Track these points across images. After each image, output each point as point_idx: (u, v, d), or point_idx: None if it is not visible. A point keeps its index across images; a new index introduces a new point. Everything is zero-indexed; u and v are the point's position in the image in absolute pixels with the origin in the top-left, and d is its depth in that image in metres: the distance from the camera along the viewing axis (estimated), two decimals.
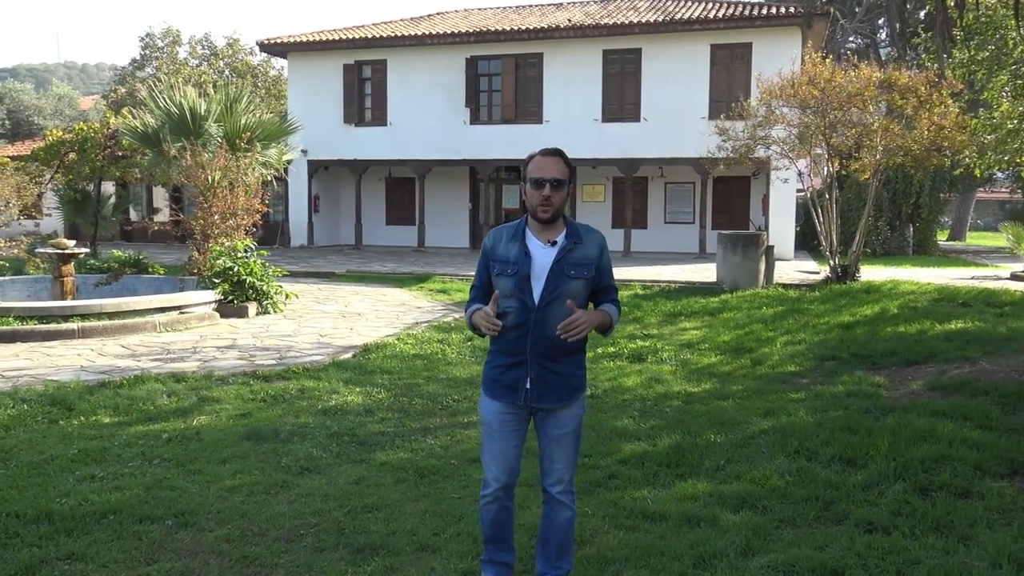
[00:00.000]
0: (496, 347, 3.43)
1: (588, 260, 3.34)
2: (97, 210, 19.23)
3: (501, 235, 3.43)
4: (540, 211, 3.29)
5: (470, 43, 23.02)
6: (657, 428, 6.18)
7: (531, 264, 3.30)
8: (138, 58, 38.13)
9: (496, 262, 3.37)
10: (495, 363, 3.43)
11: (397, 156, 23.76)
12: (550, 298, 3.27)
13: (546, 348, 3.31)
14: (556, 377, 3.35)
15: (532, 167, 3.32)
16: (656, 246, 23.20)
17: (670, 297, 14.00)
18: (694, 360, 9.01)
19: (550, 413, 3.41)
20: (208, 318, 10.99)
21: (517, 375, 3.35)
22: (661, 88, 21.69)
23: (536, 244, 3.34)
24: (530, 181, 3.31)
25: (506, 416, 3.42)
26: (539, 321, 3.28)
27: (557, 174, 3.28)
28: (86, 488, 4.94)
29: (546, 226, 3.34)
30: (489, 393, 3.45)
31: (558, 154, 3.34)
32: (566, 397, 3.39)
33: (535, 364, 3.33)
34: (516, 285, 3.30)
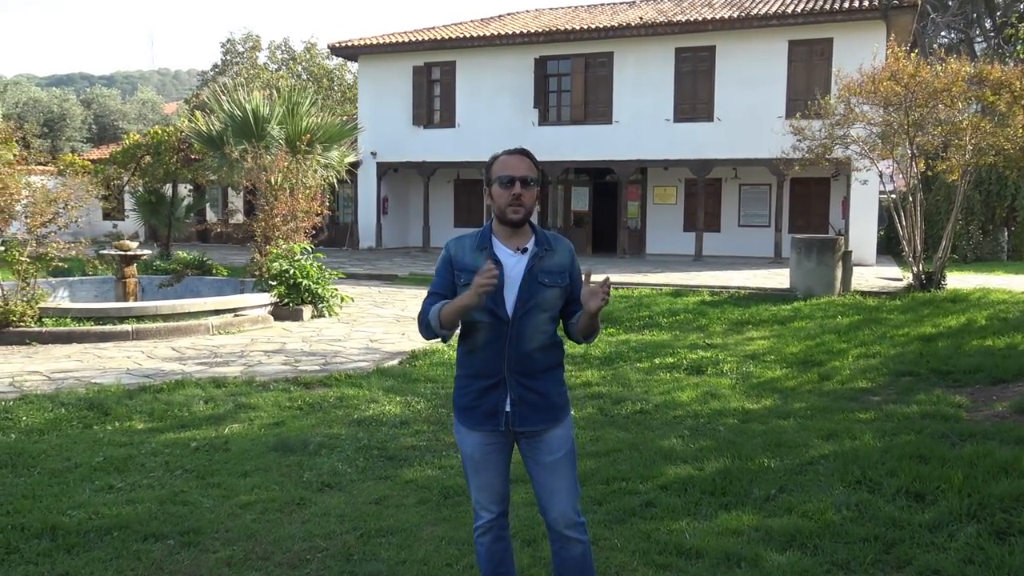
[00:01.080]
0: (467, 370, 3.11)
1: (561, 267, 3.06)
2: (171, 212, 19.60)
3: (463, 244, 3.11)
4: (510, 212, 2.98)
5: (539, 43, 22.71)
6: (706, 450, 5.72)
7: (502, 273, 2.97)
8: (219, 63, 39.11)
9: (463, 272, 3.03)
10: (468, 388, 3.10)
11: (465, 158, 23.60)
12: (525, 309, 2.97)
13: (524, 365, 3.00)
14: (537, 396, 3.03)
15: (498, 166, 3.04)
16: (729, 250, 22.44)
17: (739, 304, 13.37)
18: (757, 373, 8.47)
19: (536, 437, 3.07)
20: (262, 321, 10.95)
21: (495, 399, 3.03)
22: (736, 87, 20.95)
23: (505, 252, 3.03)
24: (497, 180, 3.01)
25: (487, 446, 3.10)
26: (515, 335, 2.98)
27: (527, 172, 3.01)
28: (100, 500, 4.80)
29: (514, 231, 3.04)
30: (466, 423, 3.12)
31: (525, 153, 3.08)
32: (550, 417, 3.07)
33: (514, 384, 3.01)
34: (488, 296, 2.97)
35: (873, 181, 16.89)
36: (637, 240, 23.79)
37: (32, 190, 9.35)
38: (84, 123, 40.81)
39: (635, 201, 23.93)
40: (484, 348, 3.00)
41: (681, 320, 11.91)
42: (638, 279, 16.53)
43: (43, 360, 8.72)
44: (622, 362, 9.07)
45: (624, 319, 11.87)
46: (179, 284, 12.93)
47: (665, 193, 23.79)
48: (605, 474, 5.22)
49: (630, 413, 6.84)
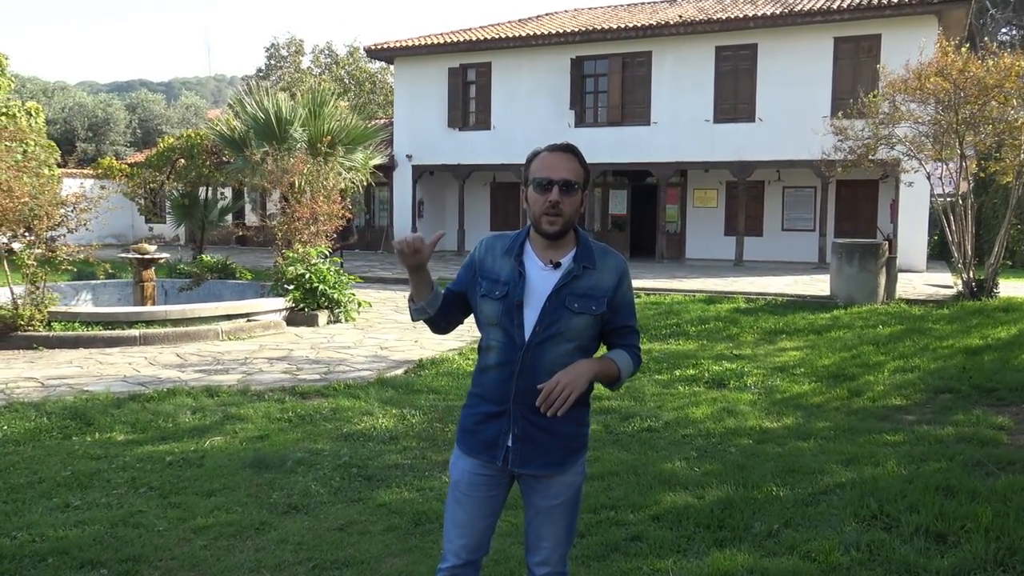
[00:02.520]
0: (476, 388, 2.69)
1: (599, 291, 2.56)
2: (204, 215, 19.61)
3: (494, 246, 2.67)
4: (545, 222, 2.53)
5: (575, 43, 22.26)
6: (711, 474, 5.23)
7: (525, 288, 2.54)
8: (263, 68, 39.43)
9: (484, 279, 2.62)
10: (474, 410, 2.67)
11: (501, 160, 23.25)
12: (544, 335, 2.51)
13: (535, 398, 2.52)
14: (546, 436, 2.57)
15: (536, 165, 2.58)
16: (771, 255, 21.68)
17: (774, 312, 12.77)
18: (782, 388, 7.91)
19: (537, 479, 2.64)
20: (274, 326, 10.70)
21: (497, 429, 2.60)
22: (779, 86, 20.23)
23: (535, 263, 2.58)
24: (533, 183, 2.56)
25: (479, 478, 2.66)
26: (528, 364, 2.52)
27: (568, 174, 2.53)
28: (50, 520, 4.52)
29: (552, 242, 2.58)
30: (463, 447, 2.70)
31: (570, 150, 2.59)
32: (558, 462, 2.60)
33: (519, 417, 2.56)
34: (503, 312, 2.55)
35: (922, 183, 16.06)
36: (676, 244, 23.17)
37: (37, 192, 9.22)
38: (128, 127, 41.55)
39: (674, 204, 23.32)
40: (494, 370, 2.58)
41: (710, 328, 11.37)
42: (672, 285, 15.98)
43: (44, 366, 8.57)
44: (640, 374, 8.57)
45: (650, 327, 11.36)
46: (199, 288, 12.77)
47: (705, 196, 23.13)
48: (595, 501, 4.78)
49: (636, 431, 6.37)
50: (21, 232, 9.48)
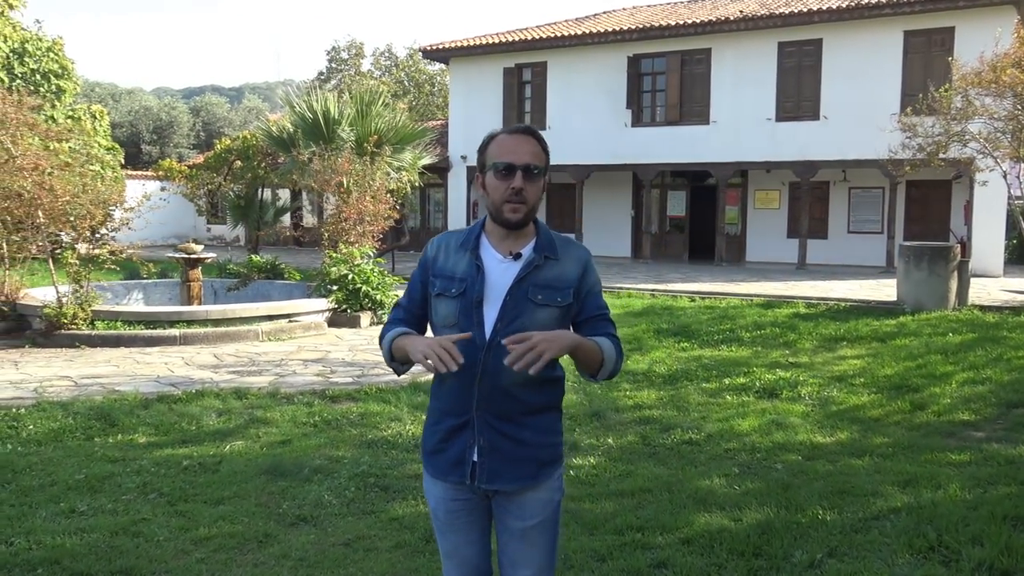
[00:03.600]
0: (436, 401, 2.43)
1: (563, 282, 2.34)
2: (259, 216, 19.75)
3: (447, 242, 2.44)
4: (508, 210, 2.29)
5: (632, 41, 21.78)
6: (752, 494, 4.82)
7: (484, 282, 2.30)
8: (324, 71, 39.86)
9: (437, 278, 2.38)
10: (437, 426, 2.41)
11: (555, 161, 22.76)
12: (507, 332, 2.25)
13: (500, 403, 2.30)
14: (515, 446, 2.32)
15: (495, 149, 2.33)
16: (836, 258, 20.85)
17: (836, 318, 12.14)
18: (839, 399, 7.40)
19: (508, 497, 2.37)
20: (315, 327, 10.57)
21: (463, 444, 2.34)
22: (844, 82, 19.43)
23: (493, 256, 2.35)
24: (492, 168, 2.31)
25: (455, 504, 2.41)
26: (490, 365, 2.27)
27: (531, 158, 2.30)
28: (52, 526, 4.37)
29: (511, 232, 2.33)
30: (430, 469, 2.44)
31: (531, 132, 2.36)
32: (529, 475, 2.35)
33: (484, 427, 2.31)
34: (461, 311, 2.31)
35: (998, 183, 15.17)
36: (736, 247, 22.48)
37: (78, 192, 9.24)
38: (192, 130, 42.47)
39: (734, 206, 22.64)
40: (454, 376, 2.28)
41: (766, 335, 10.84)
42: (730, 288, 15.42)
43: (82, 364, 8.56)
44: (687, 381, 8.18)
45: (702, 333, 10.89)
46: (247, 288, 12.76)
47: (767, 197, 22.39)
48: (622, 520, 4.42)
49: (676, 443, 5.98)
50: (67, 231, 9.53)
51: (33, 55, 20.42)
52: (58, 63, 20.95)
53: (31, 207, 9.20)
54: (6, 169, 9.11)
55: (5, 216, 9.74)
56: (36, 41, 20.69)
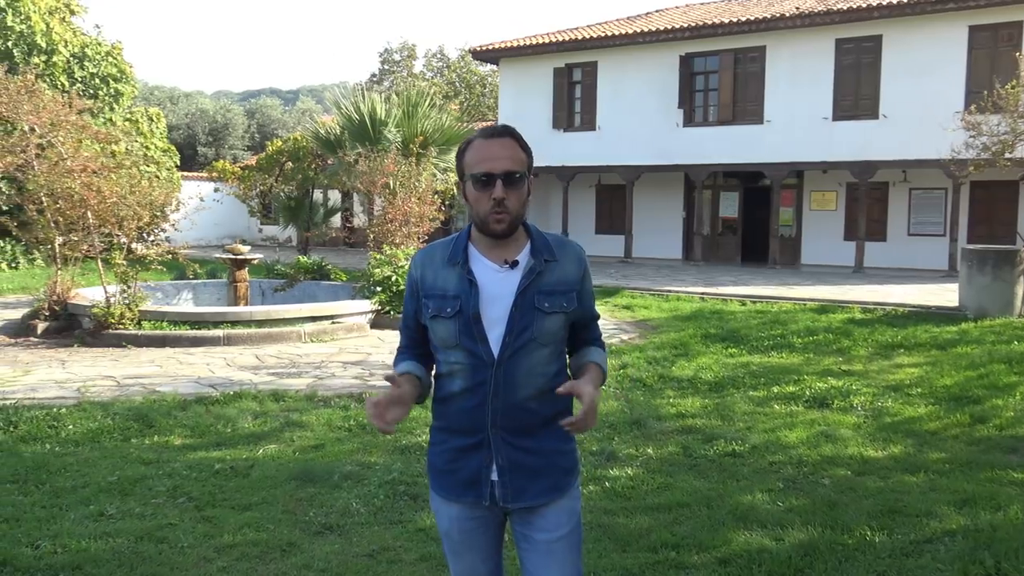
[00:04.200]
0: (441, 421, 2.30)
1: (566, 284, 2.24)
2: (309, 216, 19.90)
3: (432, 257, 2.29)
4: (493, 222, 2.17)
5: (684, 39, 21.42)
6: (796, 511, 4.58)
7: (479, 296, 2.17)
8: (376, 73, 40.18)
9: (430, 299, 2.23)
10: (444, 446, 2.29)
11: (605, 162, 22.66)
12: (517, 345, 2.17)
13: (517, 419, 2.19)
14: (536, 459, 2.22)
15: (472, 157, 2.20)
16: (895, 261, 20.21)
17: (893, 324, 11.70)
18: (893, 410, 7.07)
19: (532, 511, 2.24)
20: (357, 329, 10.55)
21: (477, 464, 2.22)
22: (905, 79, 18.80)
23: (486, 266, 2.22)
24: (471, 179, 2.18)
25: (470, 523, 2.29)
26: (503, 381, 2.16)
27: (510, 164, 2.17)
28: (79, 530, 4.35)
29: (500, 240, 2.20)
30: (440, 491, 2.31)
31: (508, 133, 2.22)
32: (554, 487, 2.25)
33: (502, 445, 2.20)
34: (460, 331, 2.18)
35: None
36: (791, 249, 21.95)
37: (125, 193, 9.36)
38: (247, 132, 43.20)
39: (789, 207, 22.10)
40: (462, 397, 2.20)
41: (819, 341, 10.48)
42: (783, 292, 15.02)
43: (126, 364, 8.65)
44: (733, 389, 7.91)
45: (751, 338, 10.58)
46: (293, 289, 12.82)
47: (824, 198, 21.80)
48: (657, 537, 4.23)
49: (718, 455, 5.75)
50: (115, 231, 9.66)
51: (92, 59, 20.93)
52: (116, 67, 21.43)
53: (81, 208, 9.36)
54: (56, 171, 9.29)
55: (58, 217, 9.92)
56: (96, 46, 21.20)
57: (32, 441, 5.93)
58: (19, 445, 5.85)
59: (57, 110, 9.61)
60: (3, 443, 5.87)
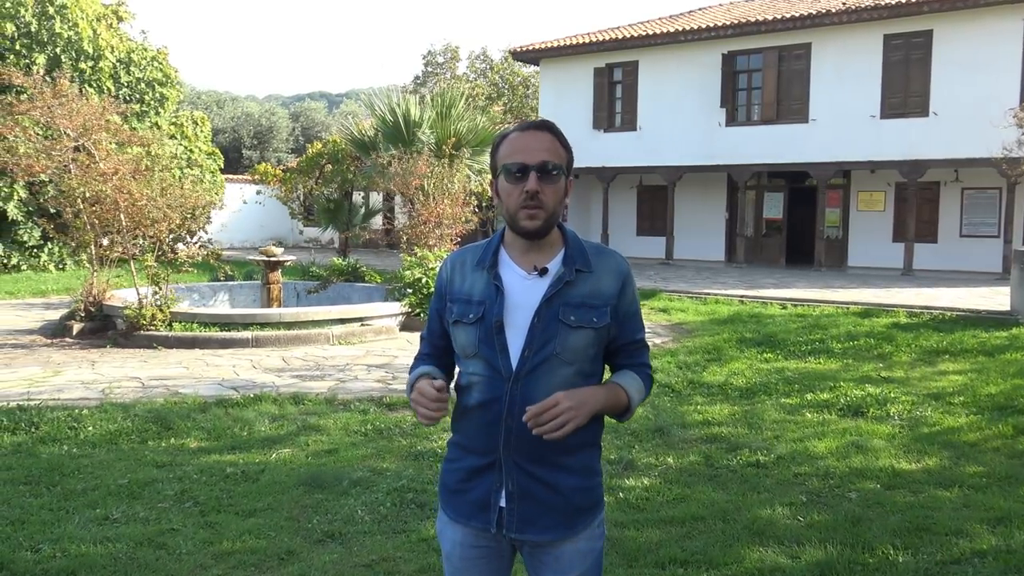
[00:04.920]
0: (458, 437, 2.14)
1: (599, 298, 2.04)
2: (349, 218, 19.98)
3: (463, 260, 2.14)
4: (523, 217, 2.01)
5: (727, 37, 21.03)
6: (816, 527, 4.37)
7: (504, 304, 2.01)
8: (420, 75, 40.31)
9: (454, 303, 2.09)
10: (457, 464, 2.13)
11: (647, 163, 22.36)
12: (537, 360, 1.99)
13: (531, 443, 1.99)
14: (549, 491, 2.03)
15: (506, 150, 2.05)
16: (946, 263, 19.57)
17: (939, 329, 11.28)
18: (932, 419, 6.77)
19: (541, 548, 2.07)
20: (386, 332, 10.49)
21: (487, 486, 2.05)
22: (956, 75, 18.19)
23: (514, 273, 2.05)
24: (503, 171, 2.03)
25: (475, 551, 2.12)
26: (518, 399, 1.98)
27: (547, 156, 2.00)
28: (82, 533, 4.33)
29: (532, 243, 2.04)
30: (448, 510, 2.15)
31: (546, 128, 2.06)
32: (564, 524, 2.05)
33: (514, 469, 2.02)
34: (481, 339, 2.02)
35: None
36: (837, 251, 21.40)
37: (155, 195, 9.44)
38: (291, 135, 43.71)
39: (835, 208, 21.55)
40: (477, 411, 2.04)
41: (859, 346, 10.13)
42: (826, 295, 14.61)
43: (154, 365, 8.71)
44: (764, 396, 7.66)
45: (789, 342, 10.28)
46: (326, 291, 12.85)
47: (871, 199, 21.22)
48: (666, 553, 4.06)
49: (741, 465, 5.54)
50: (146, 233, 9.76)
51: (138, 64, 21.32)
52: (162, 71, 21.81)
53: (114, 211, 9.47)
54: (89, 174, 9.41)
55: (93, 220, 10.05)
56: (141, 51, 21.59)
57: (51, 442, 5.96)
58: (38, 446, 5.88)
59: (90, 114, 9.75)
60: (22, 444, 5.92)
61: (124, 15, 21.99)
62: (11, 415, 6.51)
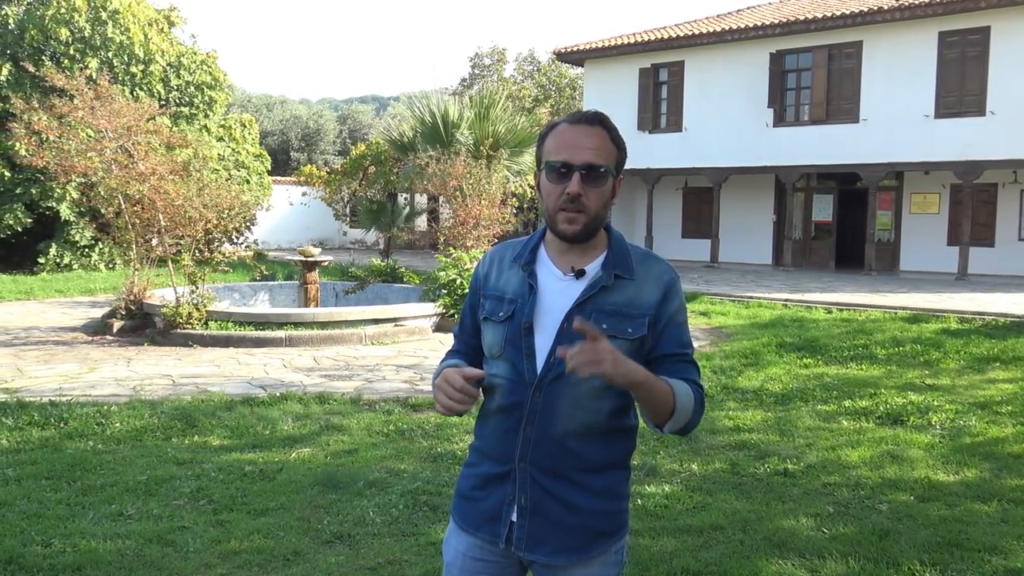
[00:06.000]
0: (478, 441, 2.03)
1: (637, 308, 1.89)
2: (392, 220, 20.07)
3: (502, 255, 2.03)
4: (562, 220, 1.87)
5: (775, 36, 20.63)
6: (840, 540, 4.18)
7: (535, 305, 1.89)
8: (467, 77, 40.42)
9: (487, 299, 1.98)
10: (473, 468, 2.01)
11: (692, 164, 22.04)
12: (562, 367, 1.81)
13: (550, 456, 1.88)
14: (564, 510, 1.89)
15: (551, 144, 1.90)
16: (1004, 268, 18.88)
17: (992, 335, 10.86)
18: (975, 429, 6.47)
19: (550, 570, 1.93)
20: (419, 332, 10.46)
21: (499, 497, 1.93)
22: (1016, 73, 17.55)
23: (551, 272, 1.93)
24: (546, 167, 1.90)
25: (478, 564, 1.99)
26: (539, 407, 1.87)
27: (593, 156, 1.86)
28: (94, 529, 4.35)
29: (573, 245, 1.92)
30: (458, 517, 2.03)
31: (598, 121, 1.90)
32: (578, 547, 1.90)
33: (528, 482, 1.90)
34: (508, 339, 1.91)
35: None
36: (889, 255, 20.82)
37: (192, 195, 9.55)
38: (338, 137, 44.18)
39: (887, 210, 20.97)
40: (497, 416, 1.94)
41: (905, 352, 9.79)
42: (874, 300, 14.20)
43: (188, 363, 8.80)
44: (800, 402, 7.42)
45: (831, 348, 9.98)
46: (364, 291, 12.89)
47: (925, 201, 20.59)
48: (680, 563, 3.92)
49: (768, 473, 5.35)
50: (185, 232, 9.88)
51: (188, 68, 21.72)
52: (211, 75, 22.18)
53: (152, 210, 9.61)
54: (128, 174, 9.57)
55: (134, 219, 10.22)
56: (191, 55, 22.00)
57: (77, 438, 6.03)
58: (64, 441, 5.95)
59: (131, 115, 9.92)
60: (50, 439, 6.00)
61: (176, 20, 22.44)
62: (43, 410, 6.61)
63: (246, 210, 10.57)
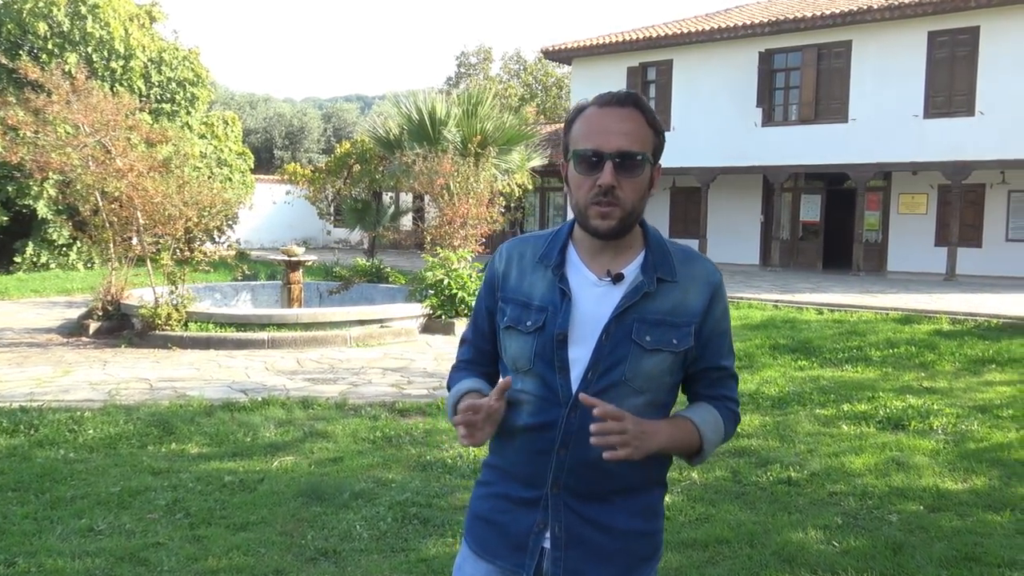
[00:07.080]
0: (497, 459, 1.82)
1: (683, 315, 1.71)
2: (376, 219, 19.79)
3: (522, 253, 1.80)
4: (594, 215, 1.67)
5: (764, 35, 20.50)
6: (852, 554, 3.98)
7: (570, 314, 1.68)
8: (452, 76, 40.19)
9: (508, 303, 1.77)
10: (494, 489, 1.80)
11: (680, 164, 21.82)
12: (602, 384, 1.66)
13: (586, 480, 1.69)
14: (604, 536, 1.70)
15: (580, 130, 1.69)
16: (992, 269, 18.83)
17: (985, 337, 10.74)
18: (979, 434, 6.31)
19: None
20: (405, 334, 10.21)
21: (528, 524, 1.73)
22: (1006, 73, 17.49)
23: (584, 276, 1.72)
24: (574, 157, 1.69)
25: None
26: (577, 428, 1.66)
27: (628, 142, 1.64)
28: (62, 546, 4.08)
29: (607, 243, 1.71)
30: (473, 543, 1.81)
31: (632, 102, 1.68)
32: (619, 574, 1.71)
33: (563, 510, 1.70)
34: (538, 352, 1.70)
35: None
36: (876, 255, 20.75)
37: (171, 193, 9.26)
38: (323, 135, 43.83)
39: (875, 211, 20.91)
40: (524, 435, 1.72)
41: (900, 354, 9.65)
42: (864, 301, 14.07)
43: (166, 366, 8.52)
44: (798, 406, 7.24)
45: (825, 350, 9.82)
46: (348, 291, 12.62)
47: (913, 201, 20.53)
48: None
49: (771, 482, 5.15)
50: (163, 231, 9.59)
51: (169, 64, 21.33)
52: (193, 71, 21.81)
53: (130, 208, 9.32)
54: (105, 171, 9.27)
55: (112, 217, 9.92)
56: (173, 51, 21.62)
57: (48, 446, 5.75)
58: (34, 450, 5.67)
59: (108, 110, 9.62)
60: (18, 447, 5.71)
61: (157, 15, 22.04)
62: (12, 416, 6.32)
63: (228, 208, 10.28)
